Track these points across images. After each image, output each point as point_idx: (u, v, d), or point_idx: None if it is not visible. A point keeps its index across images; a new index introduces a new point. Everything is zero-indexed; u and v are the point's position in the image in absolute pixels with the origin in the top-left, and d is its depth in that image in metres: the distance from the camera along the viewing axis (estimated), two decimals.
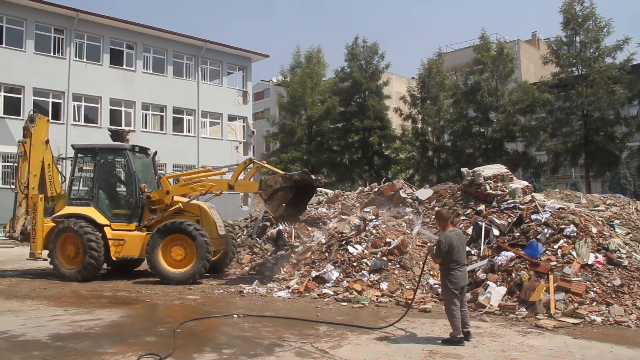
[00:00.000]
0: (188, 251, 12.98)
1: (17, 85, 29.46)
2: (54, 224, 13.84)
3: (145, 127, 34.67)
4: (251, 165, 14.25)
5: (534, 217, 11.91)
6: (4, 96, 29.12)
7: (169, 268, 13.02)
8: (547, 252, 10.57)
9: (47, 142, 15.13)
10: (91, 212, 13.77)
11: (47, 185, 14.97)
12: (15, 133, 28.31)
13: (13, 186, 14.81)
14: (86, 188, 14.79)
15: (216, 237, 13.70)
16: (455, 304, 7.54)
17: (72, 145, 15.31)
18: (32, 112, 15.10)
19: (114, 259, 13.77)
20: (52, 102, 30.92)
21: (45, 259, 14.01)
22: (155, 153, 15.52)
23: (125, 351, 6.92)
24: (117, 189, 14.84)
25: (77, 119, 31.68)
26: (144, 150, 15.50)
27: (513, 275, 10.21)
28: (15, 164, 15.26)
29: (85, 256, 13.13)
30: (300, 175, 12.71)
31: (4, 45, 29.21)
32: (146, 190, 13.95)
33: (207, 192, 13.96)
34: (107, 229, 13.63)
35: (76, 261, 13.41)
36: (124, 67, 34.06)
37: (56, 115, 30.85)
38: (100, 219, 13.72)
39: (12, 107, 29.26)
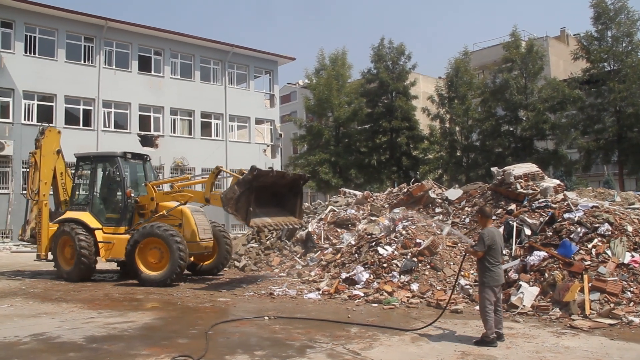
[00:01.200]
0: (164, 255, 13.24)
1: (50, 93, 30.08)
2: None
3: (174, 132, 35.08)
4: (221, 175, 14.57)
5: (566, 216, 11.73)
6: (37, 104, 29.74)
7: (145, 270, 13.38)
8: (581, 251, 10.39)
9: (59, 152, 15.97)
10: (86, 216, 14.49)
11: (59, 192, 15.97)
12: None
13: (25, 191, 15.68)
14: (85, 194, 15.48)
15: (197, 241, 13.89)
16: (490, 302, 7.51)
17: (75, 154, 15.96)
18: (41, 126, 16.08)
19: (103, 260, 14.43)
20: (83, 109, 31.49)
21: (50, 260, 14.88)
22: (147, 158, 15.95)
23: (158, 353, 7.01)
24: (110, 195, 15.24)
25: (107, 125, 32.20)
26: (139, 156, 15.96)
27: (546, 275, 10.06)
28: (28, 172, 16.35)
29: (77, 257, 13.80)
30: (251, 173, 12.60)
31: (37, 55, 29.85)
32: (132, 195, 14.47)
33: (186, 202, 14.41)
34: (98, 232, 14.27)
35: (72, 262, 14.10)
36: (152, 73, 34.51)
37: (87, 122, 31.46)
38: (93, 222, 14.38)
39: (45, 115, 29.84)
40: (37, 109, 29.71)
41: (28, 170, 15.81)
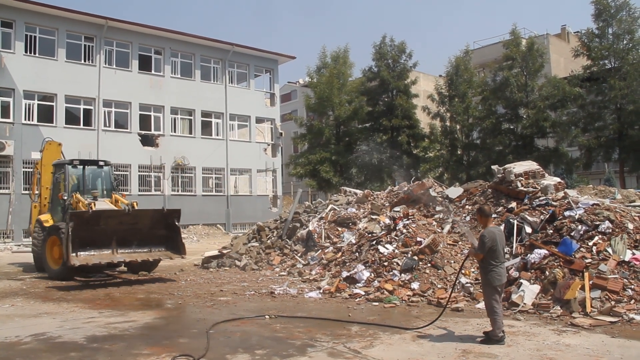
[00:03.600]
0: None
1: (50, 93, 30.07)
2: None
3: (175, 131, 35.08)
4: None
5: (567, 213, 11.72)
6: (38, 104, 29.75)
7: (50, 264, 14.44)
8: (582, 249, 10.38)
9: None
10: (47, 217, 15.85)
11: None
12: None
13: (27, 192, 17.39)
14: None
15: None
16: (497, 301, 7.49)
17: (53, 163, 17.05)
18: (44, 140, 18.18)
19: None
20: (84, 109, 31.47)
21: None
22: (103, 164, 16.87)
23: (159, 352, 7.01)
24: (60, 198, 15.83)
25: (107, 125, 32.19)
26: (92, 162, 17.15)
27: (547, 273, 10.04)
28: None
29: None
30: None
31: (37, 55, 29.84)
32: (64, 198, 15.30)
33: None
34: None
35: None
36: (153, 72, 34.48)
37: (87, 122, 31.45)
38: (48, 223, 15.43)
39: (46, 115, 29.89)
40: (37, 109, 29.70)
41: (32, 173, 17.81)
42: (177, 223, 14.31)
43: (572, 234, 10.89)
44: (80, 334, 8.07)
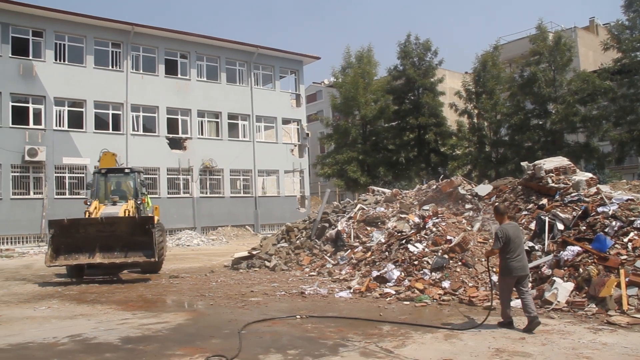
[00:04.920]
0: None
1: (80, 99, 30.61)
2: None
3: (202, 134, 35.38)
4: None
5: (600, 209, 11.50)
6: (68, 110, 30.30)
7: None
8: (617, 245, 10.17)
9: None
10: None
11: None
12: (79, 145, 29.57)
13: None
14: None
15: None
16: (505, 291, 8.27)
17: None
18: (101, 151, 19.76)
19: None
20: (112, 114, 31.94)
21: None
22: (132, 170, 18.14)
23: (192, 353, 7.08)
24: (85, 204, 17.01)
25: (136, 129, 32.62)
26: (119, 170, 18.35)
27: (580, 270, 9.86)
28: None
29: None
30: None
31: (66, 62, 30.41)
32: (87, 203, 16.45)
33: None
34: None
35: None
36: (179, 76, 34.84)
37: (116, 126, 31.92)
38: None
39: (76, 121, 30.44)
40: (67, 115, 30.27)
41: None
42: (152, 229, 14.67)
43: (606, 230, 10.68)
44: (115, 335, 8.20)
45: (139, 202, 17.21)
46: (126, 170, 18.16)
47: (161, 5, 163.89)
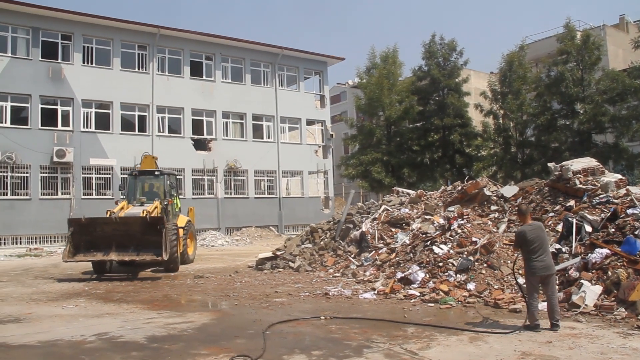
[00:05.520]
0: None
1: (106, 101, 31.04)
2: None
3: (226, 135, 35.59)
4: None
5: (630, 211, 11.30)
6: (95, 112, 30.75)
7: None
8: None
9: None
10: None
11: None
12: (106, 147, 30.01)
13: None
14: None
15: None
16: (531, 292, 8.23)
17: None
18: (142, 155, 20.94)
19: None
20: (138, 115, 32.33)
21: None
22: (162, 173, 18.94)
23: (217, 353, 7.13)
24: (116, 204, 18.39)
25: (161, 130, 32.96)
26: (149, 172, 19.21)
27: (609, 273, 9.69)
28: None
29: None
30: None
31: (94, 65, 30.86)
32: (117, 203, 17.80)
33: None
34: None
35: None
36: (204, 77, 35.10)
37: (142, 128, 32.29)
38: None
39: (103, 122, 30.87)
40: (95, 117, 30.67)
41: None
42: (162, 230, 15.12)
43: (636, 232, 10.47)
44: (141, 334, 8.30)
45: (165, 204, 17.61)
46: (156, 173, 18.97)
47: (187, 7, 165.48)
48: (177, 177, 21.21)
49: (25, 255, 24.50)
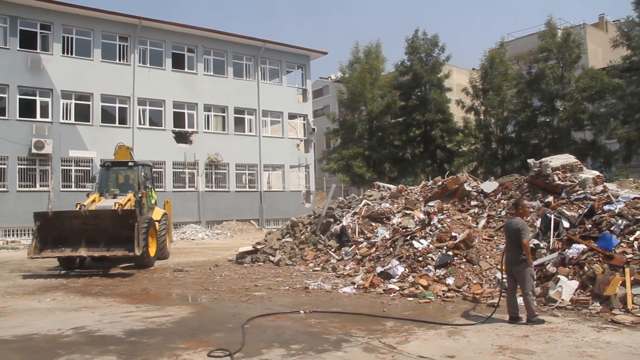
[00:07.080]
0: None
1: (87, 92, 30.69)
2: None
3: (208, 128, 35.42)
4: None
5: (606, 207, 11.44)
6: (75, 104, 30.39)
7: None
8: (622, 244, 10.11)
9: None
10: None
11: None
12: (85, 138, 29.68)
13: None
14: None
15: None
16: (532, 285, 8.48)
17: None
18: (117, 145, 19.71)
19: None
20: (119, 107, 32.04)
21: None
22: (136, 164, 18.17)
23: (196, 346, 7.09)
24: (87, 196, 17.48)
25: (142, 123, 32.70)
26: (123, 164, 18.29)
27: (585, 268, 9.82)
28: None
29: None
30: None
31: (74, 56, 30.48)
32: (89, 196, 16.80)
33: None
34: None
35: None
36: (186, 70, 34.87)
37: (123, 120, 32.02)
38: None
39: (83, 114, 30.53)
40: (74, 108, 30.35)
41: None
42: (134, 224, 14.52)
43: (612, 228, 10.62)
44: (119, 328, 8.23)
45: (139, 196, 17.08)
46: (130, 164, 18.05)
47: None
48: (153, 168, 20.42)
49: (2, 248, 24.20)
